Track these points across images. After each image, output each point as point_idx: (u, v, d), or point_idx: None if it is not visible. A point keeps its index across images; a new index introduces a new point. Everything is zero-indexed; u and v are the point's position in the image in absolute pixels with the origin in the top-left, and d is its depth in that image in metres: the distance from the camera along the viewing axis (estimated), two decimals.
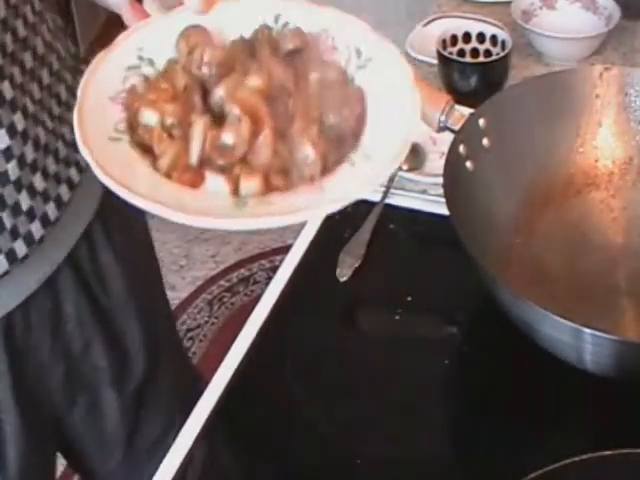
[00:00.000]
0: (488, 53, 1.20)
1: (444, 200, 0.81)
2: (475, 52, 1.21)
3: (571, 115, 0.94)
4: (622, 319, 0.86)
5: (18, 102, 0.79)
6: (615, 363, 0.76)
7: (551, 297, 0.78)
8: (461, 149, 0.86)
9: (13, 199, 0.80)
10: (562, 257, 0.90)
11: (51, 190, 0.84)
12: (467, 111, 0.88)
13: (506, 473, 0.69)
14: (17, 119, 0.78)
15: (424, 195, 1.01)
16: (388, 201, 1.01)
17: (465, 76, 1.16)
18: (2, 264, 0.80)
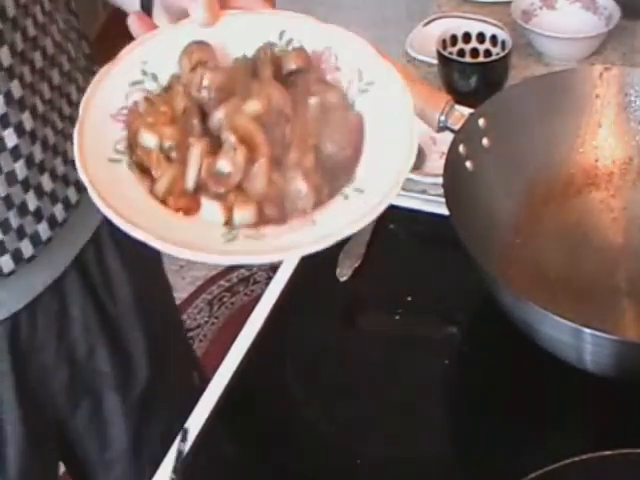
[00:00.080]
0: (488, 53, 1.20)
1: (444, 200, 0.81)
2: (475, 52, 1.21)
3: (571, 115, 0.94)
4: (622, 319, 0.86)
5: (27, 101, 0.79)
6: (615, 363, 0.76)
7: (551, 297, 0.78)
8: (461, 149, 0.86)
9: (20, 199, 0.79)
10: (562, 257, 0.90)
11: (59, 191, 0.84)
12: (467, 111, 0.88)
13: (506, 473, 0.69)
14: (25, 118, 0.78)
15: (424, 195, 1.01)
16: None
17: (465, 76, 1.16)
18: (8, 263, 0.80)
